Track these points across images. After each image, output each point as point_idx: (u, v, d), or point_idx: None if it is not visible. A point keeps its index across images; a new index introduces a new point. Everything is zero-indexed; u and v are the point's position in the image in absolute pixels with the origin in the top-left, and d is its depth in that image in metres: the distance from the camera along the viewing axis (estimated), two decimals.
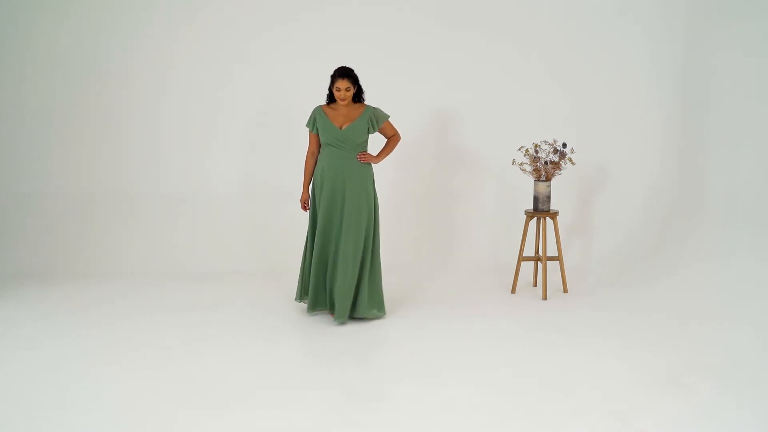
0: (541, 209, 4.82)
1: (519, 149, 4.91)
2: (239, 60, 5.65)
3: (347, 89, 4.09)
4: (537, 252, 5.03)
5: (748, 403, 3.09)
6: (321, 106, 4.21)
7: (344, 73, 4.09)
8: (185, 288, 5.04)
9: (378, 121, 4.22)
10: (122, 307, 4.58)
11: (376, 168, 4.65)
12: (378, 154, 4.28)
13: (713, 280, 4.66)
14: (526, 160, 4.85)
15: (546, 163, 4.77)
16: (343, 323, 4.17)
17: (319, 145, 4.26)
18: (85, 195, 5.69)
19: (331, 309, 4.24)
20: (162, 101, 5.68)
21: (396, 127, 4.40)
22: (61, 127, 5.66)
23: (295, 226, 5.25)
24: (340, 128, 4.14)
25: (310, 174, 4.30)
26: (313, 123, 4.21)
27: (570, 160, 4.78)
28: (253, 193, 5.74)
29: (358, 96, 4.20)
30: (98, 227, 5.67)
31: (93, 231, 5.65)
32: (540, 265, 5.03)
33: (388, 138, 4.33)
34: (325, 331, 4.08)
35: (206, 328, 4.14)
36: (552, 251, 5.27)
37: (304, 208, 4.33)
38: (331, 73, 4.13)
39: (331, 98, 4.19)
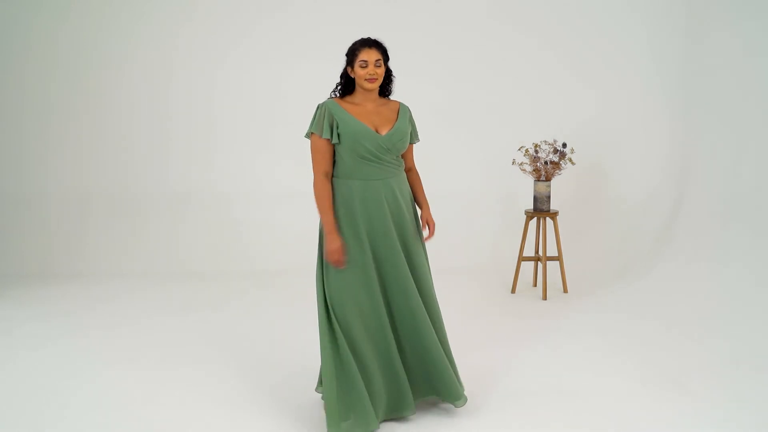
0: (541, 209, 4.82)
1: (519, 149, 4.91)
2: (241, 59, 5.65)
3: (378, 63, 2.69)
4: (537, 252, 5.03)
5: (747, 404, 3.09)
6: (333, 100, 2.74)
7: (373, 41, 2.72)
8: (186, 288, 5.03)
9: (414, 133, 2.91)
10: (122, 307, 4.58)
11: None
12: (429, 216, 3.00)
13: (713, 280, 4.66)
14: (526, 160, 4.85)
15: (546, 163, 4.77)
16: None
17: (334, 160, 2.78)
18: (84, 195, 5.69)
19: (438, 394, 2.92)
20: (163, 101, 5.68)
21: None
22: (61, 127, 5.66)
23: (295, 226, 5.24)
24: (377, 132, 2.72)
25: (332, 205, 2.74)
26: (328, 126, 2.68)
27: (570, 160, 4.78)
28: (254, 192, 5.74)
29: (384, 87, 2.84)
30: (98, 227, 5.67)
31: (93, 231, 5.66)
32: (540, 265, 5.03)
33: (406, 168, 2.94)
34: None
35: (207, 328, 4.14)
36: (552, 251, 5.27)
37: (340, 261, 2.69)
38: (350, 46, 2.75)
39: (346, 88, 2.78)
